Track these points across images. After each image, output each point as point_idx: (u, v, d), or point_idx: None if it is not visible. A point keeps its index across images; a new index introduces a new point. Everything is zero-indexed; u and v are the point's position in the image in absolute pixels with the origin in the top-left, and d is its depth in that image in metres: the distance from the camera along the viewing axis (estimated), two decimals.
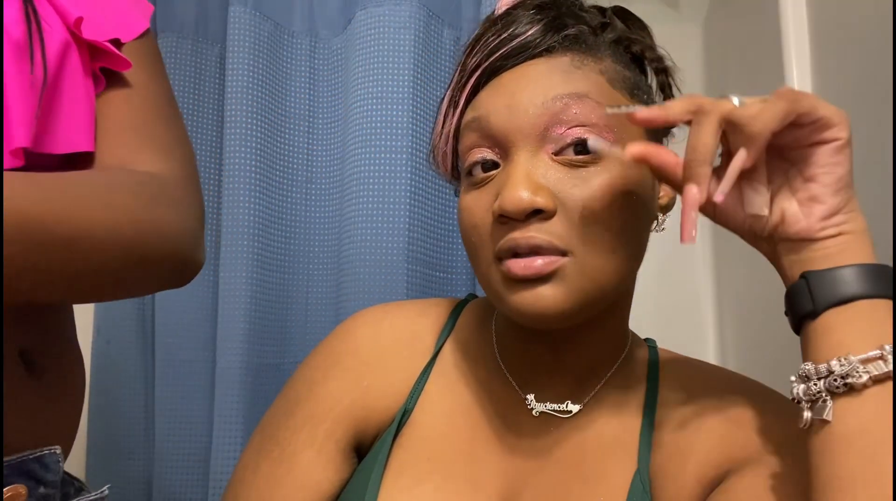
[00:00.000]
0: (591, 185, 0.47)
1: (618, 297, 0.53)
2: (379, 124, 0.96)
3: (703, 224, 0.51)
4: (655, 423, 0.53)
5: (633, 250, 0.50)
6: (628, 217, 0.48)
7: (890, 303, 0.40)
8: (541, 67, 0.50)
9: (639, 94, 0.52)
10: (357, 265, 0.95)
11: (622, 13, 0.57)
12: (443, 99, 0.56)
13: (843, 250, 0.41)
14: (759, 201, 0.43)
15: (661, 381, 0.56)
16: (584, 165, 0.48)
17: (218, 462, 0.92)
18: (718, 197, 0.41)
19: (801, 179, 0.42)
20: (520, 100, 0.49)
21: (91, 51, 0.55)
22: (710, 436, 0.49)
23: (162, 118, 0.59)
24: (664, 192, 0.55)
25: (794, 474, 0.44)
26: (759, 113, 0.40)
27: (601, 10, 0.56)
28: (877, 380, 0.39)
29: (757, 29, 1.03)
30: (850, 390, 0.39)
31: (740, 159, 0.41)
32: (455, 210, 1.00)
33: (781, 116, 0.40)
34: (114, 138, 0.55)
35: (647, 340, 0.61)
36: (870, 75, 0.76)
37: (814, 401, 0.41)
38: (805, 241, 0.42)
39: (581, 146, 0.48)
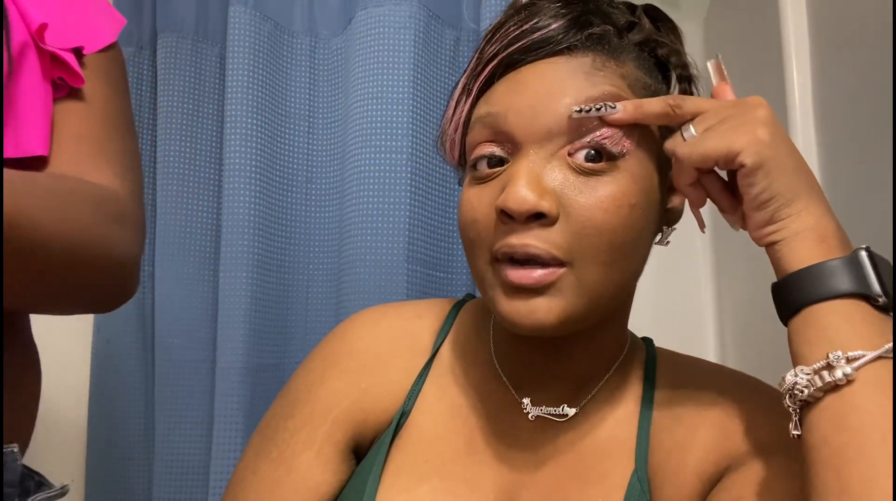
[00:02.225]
0: (597, 194, 0.46)
1: (616, 307, 0.53)
2: (379, 124, 0.96)
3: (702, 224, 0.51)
4: (653, 421, 0.53)
5: (632, 263, 0.49)
6: (631, 231, 0.47)
7: (833, 305, 0.41)
8: (561, 67, 0.48)
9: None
10: (357, 265, 0.94)
11: (653, 13, 0.55)
12: (456, 85, 0.55)
13: (780, 258, 0.43)
14: (730, 220, 0.48)
15: (657, 379, 0.55)
16: (593, 173, 0.46)
17: (218, 463, 0.92)
18: (703, 230, 0.51)
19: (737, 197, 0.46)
20: (539, 103, 0.47)
21: (52, 58, 0.54)
22: (709, 433, 0.49)
23: (118, 134, 0.58)
24: (672, 203, 0.53)
25: (793, 469, 0.44)
26: (689, 153, 0.45)
27: (631, 8, 0.54)
28: (828, 390, 0.39)
29: (757, 28, 1.03)
30: (807, 404, 0.40)
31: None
32: (456, 209, 1.01)
33: (697, 158, 0.44)
34: (70, 149, 0.54)
35: (643, 338, 0.60)
36: (870, 75, 0.76)
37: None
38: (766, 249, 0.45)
39: (594, 153, 0.46)
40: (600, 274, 0.46)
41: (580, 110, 0.46)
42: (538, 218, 0.46)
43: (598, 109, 0.46)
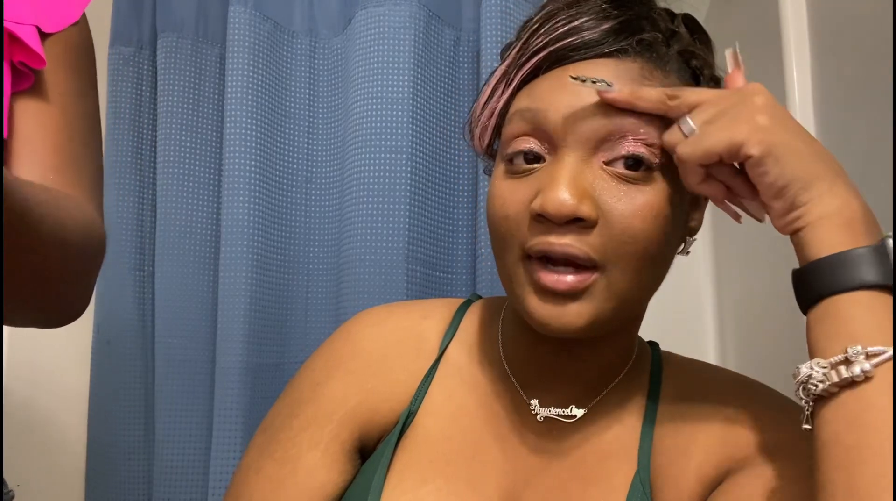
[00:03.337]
0: (635, 202, 0.46)
1: (637, 313, 0.53)
2: (379, 124, 0.96)
3: (703, 225, 0.51)
4: (656, 424, 0.53)
5: (658, 272, 0.49)
6: (662, 241, 0.47)
7: (856, 296, 0.39)
8: (609, 70, 0.47)
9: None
10: (357, 265, 0.94)
11: (692, 23, 0.54)
12: (494, 71, 0.53)
13: (803, 245, 0.42)
14: (753, 208, 0.46)
15: (662, 383, 0.56)
16: (633, 181, 0.46)
17: (218, 463, 0.92)
18: (739, 220, 0.49)
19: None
20: (581, 105, 0.46)
21: (11, 37, 0.49)
22: (711, 437, 0.49)
23: (84, 143, 0.55)
24: (693, 220, 0.53)
25: (795, 474, 0.44)
26: (691, 152, 0.44)
27: (671, 15, 0.54)
28: (844, 386, 0.38)
29: (757, 27, 1.03)
30: (821, 398, 0.39)
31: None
32: (456, 209, 1.01)
33: (700, 155, 0.43)
34: (37, 155, 0.51)
35: (649, 342, 0.61)
36: (870, 75, 0.76)
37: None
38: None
39: (634, 161, 0.46)
40: (630, 280, 0.46)
41: (577, 77, 0.46)
42: (577, 222, 0.45)
43: (595, 83, 0.45)
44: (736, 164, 0.45)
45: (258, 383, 0.95)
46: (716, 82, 0.54)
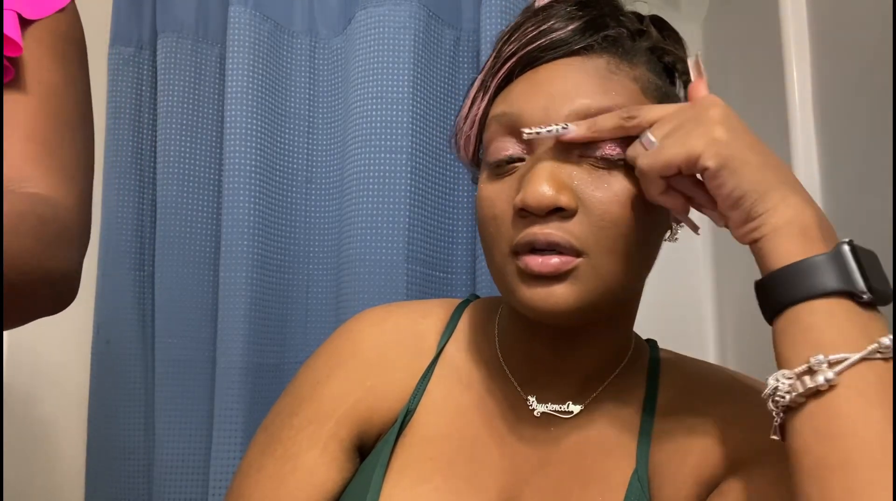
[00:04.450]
0: (613, 189, 0.47)
1: (626, 300, 0.53)
2: (379, 124, 0.96)
3: (702, 225, 0.52)
4: (655, 423, 0.53)
5: (645, 255, 0.50)
6: (645, 224, 0.48)
7: (815, 305, 0.39)
8: (577, 67, 0.50)
9: (668, 103, 0.51)
10: (357, 265, 0.94)
11: (659, 23, 0.57)
12: (472, 83, 0.56)
13: (761, 256, 0.42)
14: (714, 217, 0.47)
15: (661, 381, 0.56)
16: (608, 168, 0.48)
17: (218, 462, 0.92)
18: (697, 232, 0.51)
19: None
20: (552, 105, 0.49)
21: None
22: (709, 436, 0.49)
23: (69, 129, 0.53)
24: None
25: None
26: (651, 164, 0.45)
27: (639, 17, 0.56)
28: (809, 395, 0.37)
29: (757, 29, 1.03)
30: (790, 409, 0.39)
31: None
32: (456, 210, 1.01)
33: (660, 167, 0.44)
34: (14, 146, 0.50)
35: (648, 340, 0.61)
36: (870, 75, 0.76)
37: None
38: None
39: (609, 154, 0.48)
40: (616, 264, 0.48)
41: (531, 132, 0.47)
42: (557, 212, 0.47)
43: (549, 132, 0.47)
44: (698, 175, 0.46)
45: (258, 383, 0.95)
46: (689, 76, 0.54)
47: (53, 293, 0.50)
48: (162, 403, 1.00)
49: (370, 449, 0.57)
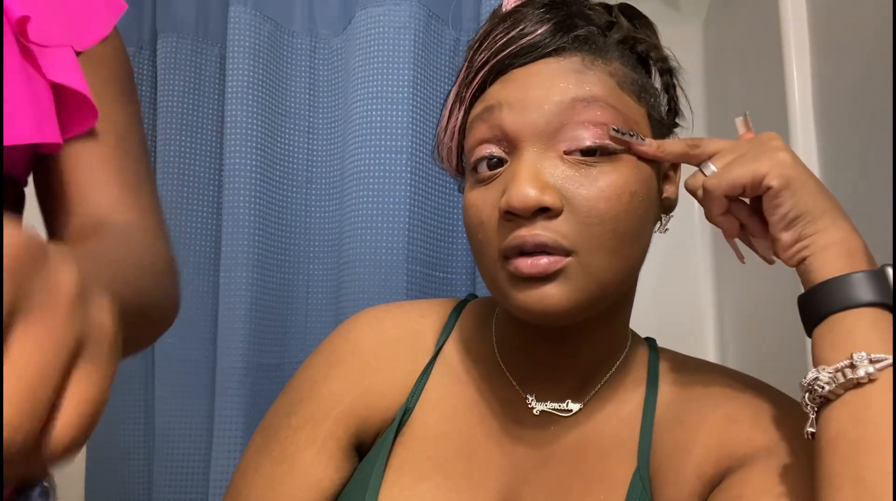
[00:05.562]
0: (598, 185, 0.48)
1: (620, 296, 0.53)
2: (379, 124, 0.96)
3: (702, 225, 0.52)
4: (655, 421, 0.53)
5: (636, 250, 0.50)
6: (633, 218, 0.49)
7: (859, 312, 0.42)
8: (552, 65, 0.50)
9: (646, 97, 0.53)
10: (357, 265, 0.95)
11: (628, 11, 0.57)
12: (448, 95, 0.56)
13: (809, 271, 0.45)
14: (763, 247, 0.50)
15: (660, 379, 0.56)
16: (591, 164, 0.48)
17: (218, 463, 0.92)
18: (743, 260, 0.52)
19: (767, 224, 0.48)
20: (534, 96, 0.49)
21: (54, 91, 0.46)
22: (710, 434, 0.49)
23: (133, 157, 0.53)
24: (667, 192, 0.55)
25: (794, 470, 0.44)
26: (717, 184, 0.47)
27: (607, 8, 0.56)
28: (849, 387, 0.40)
29: (757, 29, 1.03)
30: (826, 401, 0.41)
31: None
32: (456, 210, 1.01)
33: (726, 186, 0.47)
34: (88, 183, 0.50)
35: (647, 339, 0.61)
36: (870, 75, 0.76)
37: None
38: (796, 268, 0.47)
39: (592, 150, 0.48)
40: (606, 261, 0.48)
41: (617, 130, 0.49)
42: (543, 212, 0.47)
43: (632, 136, 0.49)
44: (747, 200, 0.49)
45: (258, 383, 0.95)
46: (664, 62, 0.57)
47: (167, 322, 0.54)
48: (162, 402, 1.00)
49: (368, 448, 0.57)
